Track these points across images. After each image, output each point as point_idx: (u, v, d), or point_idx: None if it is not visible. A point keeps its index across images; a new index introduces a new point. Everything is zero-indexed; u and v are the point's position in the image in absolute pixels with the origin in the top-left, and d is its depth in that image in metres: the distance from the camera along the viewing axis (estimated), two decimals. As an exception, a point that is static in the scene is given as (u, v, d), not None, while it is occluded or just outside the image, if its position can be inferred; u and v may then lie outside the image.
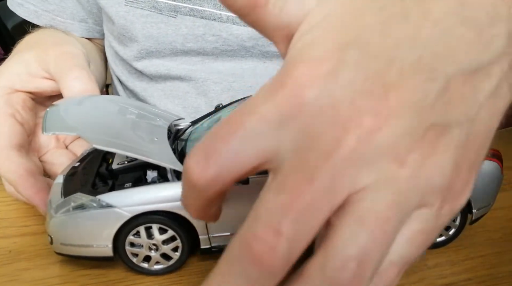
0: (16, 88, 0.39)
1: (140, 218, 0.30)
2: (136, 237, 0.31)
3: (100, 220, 0.29)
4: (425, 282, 0.32)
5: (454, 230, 0.36)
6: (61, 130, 0.29)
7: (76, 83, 0.37)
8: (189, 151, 0.34)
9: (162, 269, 0.32)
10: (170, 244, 0.31)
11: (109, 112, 0.34)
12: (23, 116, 0.39)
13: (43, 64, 0.39)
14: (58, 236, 0.30)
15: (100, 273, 0.32)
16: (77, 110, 0.32)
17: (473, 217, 0.36)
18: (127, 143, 0.30)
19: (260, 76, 0.57)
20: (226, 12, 0.53)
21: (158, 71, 0.57)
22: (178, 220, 0.31)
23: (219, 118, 0.38)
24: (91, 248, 0.30)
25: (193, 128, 0.39)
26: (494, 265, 0.34)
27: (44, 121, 0.30)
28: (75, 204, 0.30)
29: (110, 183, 0.32)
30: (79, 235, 0.30)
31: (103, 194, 0.30)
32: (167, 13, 0.53)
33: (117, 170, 0.34)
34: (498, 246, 0.37)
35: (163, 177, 0.32)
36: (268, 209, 0.16)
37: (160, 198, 0.30)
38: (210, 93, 0.57)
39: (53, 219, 0.30)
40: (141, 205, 0.29)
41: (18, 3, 0.58)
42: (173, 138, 0.37)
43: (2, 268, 0.33)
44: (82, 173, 0.34)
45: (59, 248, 0.31)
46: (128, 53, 0.58)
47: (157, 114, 0.38)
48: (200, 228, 0.31)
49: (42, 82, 0.40)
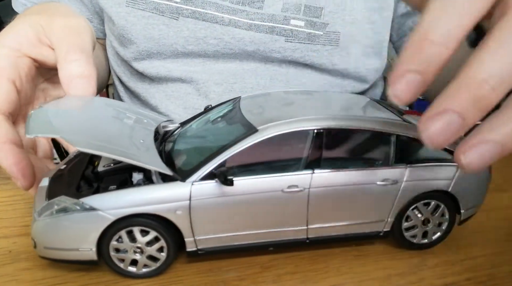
0: (24, 51, 0.37)
1: (124, 221, 0.29)
2: (120, 242, 0.30)
3: (83, 223, 0.29)
4: (425, 282, 0.32)
5: (442, 231, 0.36)
6: (44, 133, 0.29)
7: (73, 66, 0.35)
8: (176, 152, 0.34)
9: (150, 271, 0.32)
10: (155, 245, 0.31)
11: (94, 114, 0.33)
12: (23, 84, 0.37)
13: (49, 32, 0.37)
14: (41, 240, 0.30)
15: (100, 273, 0.32)
16: (62, 112, 0.32)
17: (461, 217, 0.35)
18: (110, 145, 0.29)
19: (262, 77, 0.57)
20: (228, 15, 0.53)
21: (159, 73, 0.57)
22: (163, 223, 0.30)
23: (208, 120, 0.38)
24: (75, 252, 0.30)
25: (182, 129, 0.39)
26: (494, 265, 0.34)
27: (27, 123, 0.30)
28: (58, 207, 0.29)
29: (95, 186, 0.32)
30: (62, 239, 0.30)
31: (86, 197, 0.29)
32: (169, 15, 0.53)
33: (102, 172, 0.34)
34: (498, 246, 0.37)
35: (149, 179, 0.32)
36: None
37: (144, 200, 0.29)
38: (211, 95, 0.57)
39: (36, 222, 0.30)
40: (125, 208, 0.29)
41: (21, 3, 0.58)
42: (161, 140, 0.37)
43: (2, 268, 0.33)
44: (68, 176, 0.34)
45: (43, 252, 0.30)
46: (128, 55, 0.57)
47: (144, 116, 0.38)
48: (185, 230, 0.31)
49: (48, 51, 0.38)
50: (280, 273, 0.33)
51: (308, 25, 0.54)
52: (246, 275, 0.33)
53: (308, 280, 0.32)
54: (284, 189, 0.31)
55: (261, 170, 0.31)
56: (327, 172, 0.32)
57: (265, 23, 0.53)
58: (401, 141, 0.33)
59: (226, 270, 0.33)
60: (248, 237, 0.32)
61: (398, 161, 0.33)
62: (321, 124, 0.32)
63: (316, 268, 0.34)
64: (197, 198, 0.30)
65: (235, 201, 0.31)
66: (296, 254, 0.35)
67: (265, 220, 0.32)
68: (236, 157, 0.31)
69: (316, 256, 0.35)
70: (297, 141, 0.32)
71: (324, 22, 0.55)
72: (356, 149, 0.33)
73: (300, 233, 0.33)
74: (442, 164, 0.34)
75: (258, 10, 0.53)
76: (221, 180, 0.30)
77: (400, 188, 0.33)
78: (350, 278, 0.33)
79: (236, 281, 0.32)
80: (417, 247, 0.36)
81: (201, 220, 0.31)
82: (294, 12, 0.54)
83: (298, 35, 0.54)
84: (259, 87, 0.57)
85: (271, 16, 0.53)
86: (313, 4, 0.54)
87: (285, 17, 0.53)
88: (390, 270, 0.34)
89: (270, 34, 0.54)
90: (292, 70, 0.57)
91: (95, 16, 0.61)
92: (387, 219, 0.34)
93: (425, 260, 0.35)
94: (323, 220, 0.33)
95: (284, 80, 0.57)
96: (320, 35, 0.55)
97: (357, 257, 0.35)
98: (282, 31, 0.54)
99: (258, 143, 0.31)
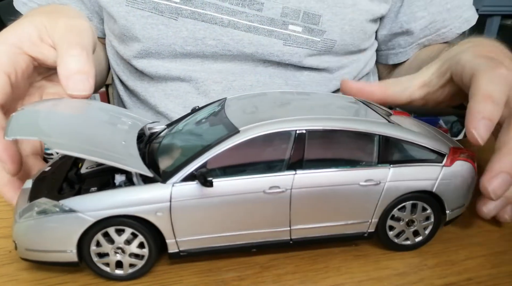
0: (25, 49, 0.38)
1: (104, 222, 0.29)
2: (99, 247, 0.30)
3: (63, 225, 0.29)
4: (425, 282, 0.32)
5: (428, 232, 0.35)
6: (23, 135, 0.29)
7: (72, 61, 0.36)
8: (160, 153, 0.34)
9: (137, 270, 0.32)
10: (134, 241, 0.31)
11: (76, 116, 0.33)
12: (19, 81, 0.38)
13: (52, 32, 0.38)
14: (22, 242, 0.30)
15: None
16: (43, 114, 0.32)
17: (447, 218, 0.35)
18: (91, 147, 0.29)
19: (261, 75, 0.57)
20: (227, 16, 0.53)
21: (158, 72, 0.57)
22: (145, 224, 0.30)
23: (193, 121, 0.38)
24: (56, 254, 0.30)
25: (168, 130, 0.39)
26: (494, 265, 0.34)
27: (8, 125, 0.30)
28: (39, 209, 0.29)
29: (77, 188, 0.32)
30: (43, 241, 0.30)
31: (66, 199, 0.29)
32: (168, 15, 0.53)
33: (85, 174, 0.34)
34: (498, 246, 0.37)
35: (131, 180, 0.32)
36: None
37: (124, 202, 0.29)
38: (211, 93, 0.57)
39: (17, 224, 0.30)
40: (105, 210, 0.29)
41: (22, 2, 0.58)
42: (146, 142, 0.37)
43: (2, 268, 0.33)
44: (51, 178, 0.34)
45: (24, 254, 0.30)
46: (128, 53, 0.58)
47: (129, 117, 0.37)
48: (166, 232, 0.31)
49: (49, 50, 0.39)
50: (280, 273, 0.33)
51: (305, 31, 0.55)
52: (246, 275, 0.33)
53: (308, 280, 0.32)
54: (265, 190, 0.31)
55: (243, 171, 0.31)
56: (309, 173, 0.32)
57: (264, 26, 0.54)
58: (385, 141, 0.33)
59: (226, 270, 0.33)
60: (230, 239, 0.32)
61: (382, 161, 0.33)
62: (303, 125, 0.32)
63: (316, 268, 0.34)
64: (177, 199, 0.30)
65: (216, 202, 0.31)
66: (296, 254, 0.35)
67: (247, 221, 0.32)
68: (217, 158, 0.31)
69: (316, 256, 0.35)
70: (279, 142, 0.32)
71: (321, 29, 0.55)
72: (339, 149, 0.33)
73: (283, 234, 0.33)
74: (426, 164, 0.34)
75: (258, 12, 0.53)
76: (201, 181, 0.30)
77: (384, 188, 0.33)
78: (350, 278, 0.32)
79: (236, 281, 0.32)
80: (403, 248, 0.35)
81: (182, 221, 0.31)
82: (293, 18, 0.54)
83: (297, 40, 0.55)
84: (258, 84, 0.57)
85: (270, 20, 0.54)
86: (311, 11, 0.54)
87: (284, 22, 0.54)
88: (390, 270, 0.33)
89: (269, 37, 0.54)
90: (291, 69, 0.58)
91: (94, 15, 0.61)
92: (371, 220, 0.34)
93: (425, 260, 0.35)
94: (306, 221, 0.33)
95: (283, 77, 0.58)
96: (318, 41, 0.56)
97: (357, 257, 0.35)
98: (280, 35, 0.54)
99: (239, 143, 0.31)
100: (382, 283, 0.32)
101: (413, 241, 0.35)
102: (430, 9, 0.62)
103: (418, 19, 0.62)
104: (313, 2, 0.54)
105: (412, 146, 0.34)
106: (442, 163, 0.34)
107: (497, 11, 1.85)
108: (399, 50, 0.67)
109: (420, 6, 0.61)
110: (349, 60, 0.61)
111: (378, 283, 0.32)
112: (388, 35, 0.65)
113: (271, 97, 0.39)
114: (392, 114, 0.40)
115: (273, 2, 0.53)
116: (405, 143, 0.34)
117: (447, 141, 0.36)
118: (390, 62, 0.70)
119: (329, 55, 0.58)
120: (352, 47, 0.59)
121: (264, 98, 0.39)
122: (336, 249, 0.36)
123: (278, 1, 0.53)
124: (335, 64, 0.59)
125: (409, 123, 0.38)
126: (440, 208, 0.35)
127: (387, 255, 0.35)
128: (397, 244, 0.35)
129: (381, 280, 0.32)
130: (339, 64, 0.60)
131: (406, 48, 0.66)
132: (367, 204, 0.33)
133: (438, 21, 0.62)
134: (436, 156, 0.34)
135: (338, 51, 0.58)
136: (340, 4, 0.55)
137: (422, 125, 0.39)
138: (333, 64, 0.59)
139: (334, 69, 0.60)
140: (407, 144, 0.34)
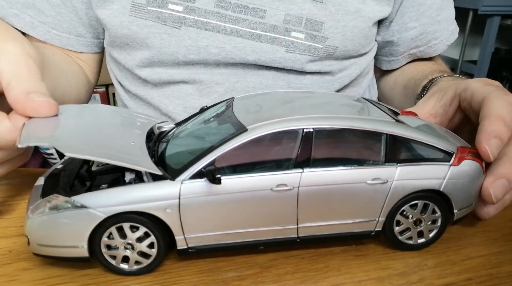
0: None
1: (115, 218, 0.30)
2: (111, 239, 0.31)
3: (75, 220, 0.30)
4: (425, 282, 0.32)
5: (435, 231, 0.35)
6: (34, 142, 0.29)
7: (24, 86, 0.33)
8: (169, 152, 0.35)
9: (141, 268, 0.32)
10: (145, 240, 0.31)
11: (85, 119, 0.34)
12: None
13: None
14: (34, 237, 0.31)
15: (100, 273, 0.33)
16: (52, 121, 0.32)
17: (454, 217, 0.35)
18: (100, 149, 0.30)
19: (263, 76, 0.57)
20: (230, 24, 0.53)
21: (161, 79, 0.58)
22: (154, 221, 0.31)
23: (202, 120, 0.39)
24: (67, 249, 0.30)
25: (177, 129, 0.40)
26: (494, 265, 0.34)
27: (20, 134, 0.30)
28: (50, 204, 0.30)
29: (88, 184, 0.33)
30: (54, 236, 0.30)
31: (78, 195, 0.30)
32: (171, 24, 0.53)
33: (96, 171, 0.34)
34: (498, 246, 0.37)
35: (140, 178, 0.32)
36: None
37: (134, 199, 0.30)
38: (213, 95, 0.57)
39: (30, 220, 0.30)
40: (116, 206, 0.30)
41: (14, 14, 0.57)
42: (155, 141, 0.38)
43: (2, 268, 0.33)
44: (63, 175, 0.35)
45: (36, 249, 0.31)
46: (131, 62, 0.58)
47: (138, 117, 0.38)
48: (175, 228, 0.31)
49: None
50: (280, 273, 0.33)
51: (308, 38, 0.55)
52: (246, 275, 0.33)
53: (308, 280, 0.32)
54: (273, 187, 0.31)
55: (251, 168, 0.32)
56: (316, 171, 0.32)
57: (267, 33, 0.54)
58: (392, 140, 0.33)
59: (226, 270, 0.33)
60: (237, 236, 0.33)
61: (389, 160, 0.33)
62: (310, 124, 0.32)
63: (316, 268, 0.34)
64: (186, 196, 0.30)
65: (224, 199, 0.31)
66: (296, 254, 0.35)
67: (254, 219, 0.32)
68: (225, 156, 0.31)
69: (316, 256, 0.35)
70: (286, 140, 0.32)
71: (324, 36, 0.56)
72: (346, 148, 0.33)
73: (291, 232, 0.33)
74: (433, 163, 0.34)
75: (260, 19, 0.54)
76: (209, 178, 0.30)
77: (391, 187, 0.33)
78: (350, 278, 0.33)
79: (236, 281, 0.32)
80: (404, 247, 0.36)
81: (191, 218, 0.31)
82: (296, 25, 0.54)
83: (299, 47, 0.55)
84: (261, 86, 0.57)
85: (273, 27, 0.54)
86: (314, 18, 0.54)
87: (287, 29, 0.54)
88: (390, 270, 0.33)
89: (271, 44, 0.55)
90: (293, 72, 0.58)
91: (89, 30, 0.61)
92: (378, 218, 0.34)
93: (425, 260, 0.35)
94: (314, 219, 0.33)
95: (286, 79, 0.58)
96: (320, 48, 0.56)
97: (357, 257, 0.35)
98: (283, 41, 0.55)
99: (247, 142, 0.31)
100: (382, 283, 0.32)
101: (416, 242, 0.35)
102: (422, 20, 0.64)
103: (409, 29, 0.64)
104: (315, 9, 0.54)
105: (419, 144, 0.34)
106: (450, 162, 0.34)
107: (497, 11, 1.84)
108: (391, 58, 0.69)
109: (412, 17, 0.63)
110: (351, 63, 0.61)
111: (378, 283, 0.32)
112: (381, 42, 0.67)
113: (278, 96, 0.39)
114: (400, 113, 0.40)
115: (276, 9, 0.53)
116: (413, 141, 0.34)
117: (455, 141, 0.36)
118: (384, 68, 0.72)
119: (331, 60, 0.58)
120: (353, 52, 0.59)
121: (271, 97, 0.39)
122: (336, 249, 0.36)
123: (281, 8, 0.53)
124: (337, 67, 0.60)
125: (416, 122, 0.38)
126: (448, 207, 0.35)
127: (387, 255, 0.35)
128: (400, 242, 0.35)
129: (381, 280, 0.32)
130: (341, 67, 0.60)
131: (398, 57, 0.68)
132: (374, 203, 0.33)
133: (429, 32, 0.65)
134: (443, 155, 0.34)
135: (339, 56, 0.58)
136: (342, 11, 0.55)
137: (429, 125, 0.39)
138: (335, 67, 0.59)
139: (336, 71, 0.60)
140: (414, 142, 0.34)
